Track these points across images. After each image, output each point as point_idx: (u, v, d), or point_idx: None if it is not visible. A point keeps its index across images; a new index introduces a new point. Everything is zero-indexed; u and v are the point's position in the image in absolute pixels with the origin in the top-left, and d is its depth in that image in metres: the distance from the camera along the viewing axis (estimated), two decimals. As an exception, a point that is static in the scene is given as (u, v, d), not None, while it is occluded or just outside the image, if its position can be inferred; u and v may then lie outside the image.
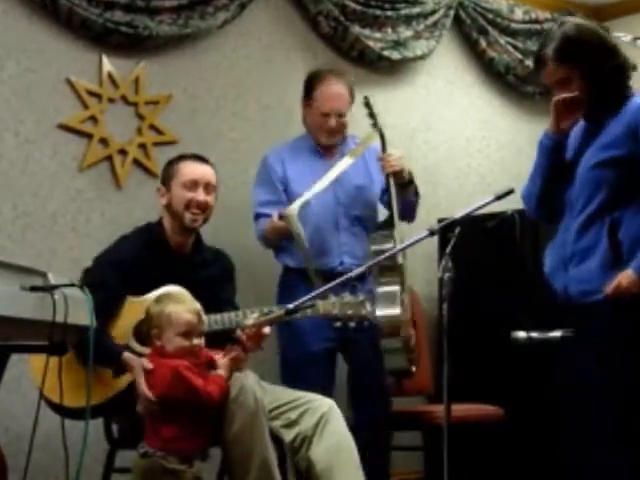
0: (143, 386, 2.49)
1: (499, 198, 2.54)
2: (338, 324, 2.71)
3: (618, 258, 2.38)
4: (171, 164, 2.89)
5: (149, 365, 2.51)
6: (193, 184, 2.81)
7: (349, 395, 3.30)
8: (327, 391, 3.03)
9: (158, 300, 2.54)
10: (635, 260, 2.35)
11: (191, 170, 2.84)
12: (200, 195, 2.81)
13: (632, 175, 2.40)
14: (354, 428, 2.83)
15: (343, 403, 3.01)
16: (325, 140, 3.32)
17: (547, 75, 2.50)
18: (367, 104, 3.27)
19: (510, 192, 2.55)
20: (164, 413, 2.45)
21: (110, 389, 2.61)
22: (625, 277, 2.35)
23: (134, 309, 2.67)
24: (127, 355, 2.59)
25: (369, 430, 3.13)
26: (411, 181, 3.28)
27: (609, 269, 2.38)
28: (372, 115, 3.25)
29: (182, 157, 2.90)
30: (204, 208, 2.82)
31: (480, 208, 2.58)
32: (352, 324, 2.73)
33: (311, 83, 3.31)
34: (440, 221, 2.88)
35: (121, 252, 2.77)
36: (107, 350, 2.57)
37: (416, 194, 3.35)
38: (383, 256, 2.72)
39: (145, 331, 2.59)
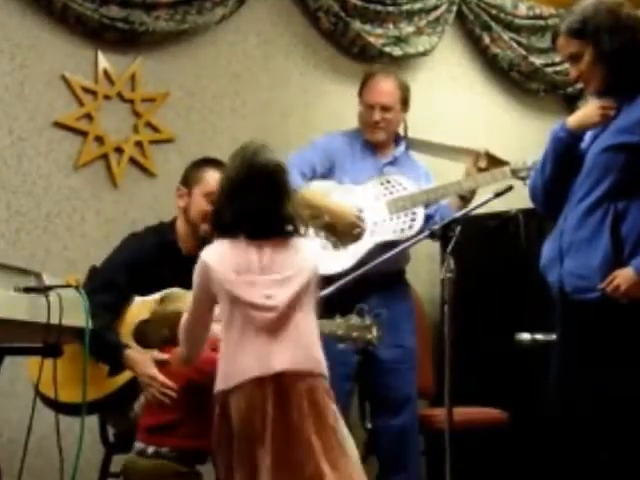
0: (160, 376, 2.44)
1: (498, 195, 2.52)
2: (342, 346, 2.69)
3: (620, 255, 2.32)
4: (197, 167, 2.83)
5: (163, 355, 2.47)
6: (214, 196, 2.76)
7: (373, 405, 3.33)
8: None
9: (162, 301, 2.51)
10: (637, 259, 2.29)
11: (215, 180, 2.74)
12: None
13: None
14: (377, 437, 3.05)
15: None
16: (369, 135, 3.30)
17: (559, 48, 2.47)
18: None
19: (509, 189, 2.53)
20: (184, 405, 2.37)
21: (108, 386, 2.60)
22: (624, 278, 2.29)
23: (136, 310, 2.67)
24: (130, 352, 2.57)
25: (397, 439, 3.19)
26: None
27: (609, 266, 2.32)
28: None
29: (210, 162, 2.82)
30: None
31: (480, 206, 2.55)
32: (352, 348, 2.72)
33: (363, 81, 3.34)
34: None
35: (131, 252, 2.75)
36: (110, 347, 2.57)
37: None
38: (381, 259, 2.70)
39: (149, 332, 2.57)
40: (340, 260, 3.10)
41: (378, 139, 3.30)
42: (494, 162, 3.22)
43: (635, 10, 2.46)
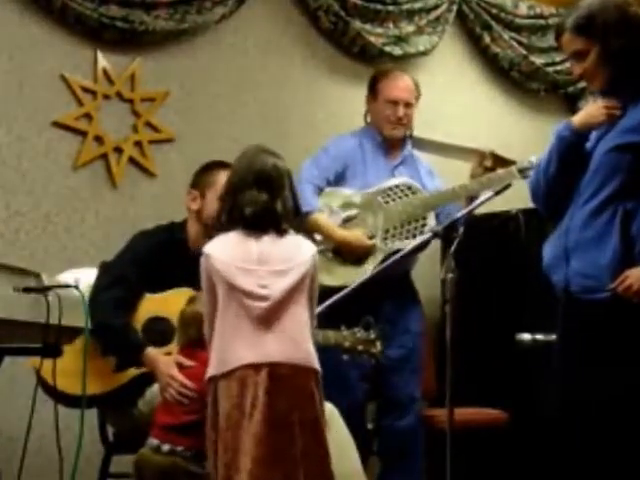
0: (180, 377, 2.43)
1: (498, 193, 2.52)
2: (345, 357, 2.69)
3: (630, 254, 2.30)
4: (210, 170, 2.81)
5: (186, 361, 2.47)
6: None
7: (380, 405, 3.33)
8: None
9: (190, 301, 2.51)
10: None
11: None
12: None
13: None
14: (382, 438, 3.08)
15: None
16: (389, 131, 3.29)
17: (563, 44, 2.44)
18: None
19: (507, 187, 2.53)
20: (204, 408, 2.33)
21: (113, 381, 2.60)
22: (636, 277, 2.26)
23: (145, 307, 2.67)
24: (151, 350, 2.56)
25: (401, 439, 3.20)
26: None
27: (619, 265, 2.29)
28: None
29: (221, 165, 2.80)
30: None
31: (480, 205, 2.55)
32: (359, 359, 2.72)
33: (376, 78, 3.32)
34: (443, 221, 2.84)
35: (141, 249, 2.75)
36: (132, 345, 2.57)
37: None
38: (385, 264, 2.70)
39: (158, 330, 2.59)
40: (353, 273, 3.10)
41: (398, 136, 3.30)
42: (500, 162, 3.21)
43: None
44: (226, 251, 2.20)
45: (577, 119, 2.44)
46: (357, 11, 3.90)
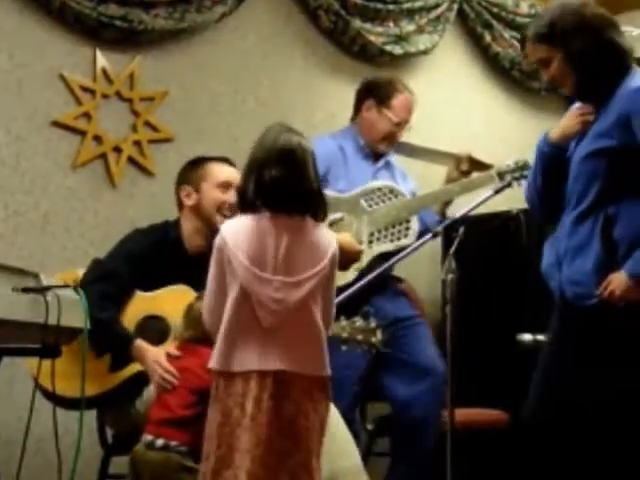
0: (164, 363, 2.44)
1: (497, 192, 2.52)
2: (344, 348, 2.67)
3: (612, 259, 2.30)
4: (199, 164, 2.84)
5: (175, 351, 2.47)
6: (226, 185, 2.78)
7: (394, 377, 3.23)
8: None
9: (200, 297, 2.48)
10: (629, 262, 2.27)
11: (223, 171, 2.82)
12: (232, 197, 2.75)
13: (625, 167, 2.31)
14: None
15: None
16: (384, 148, 3.30)
17: (528, 54, 2.48)
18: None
19: (508, 185, 2.53)
20: (199, 404, 2.35)
21: (109, 381, 2.60)
22: (617, 283, 2.27)
23: (138, 305, 2.67)
24: (140, 341, 2.56)
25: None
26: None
27: (603, 271, 2.31)
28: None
29: (207, 159, 2.85)
30: (234, 210, 2.79)
31: (480, 204, 2.55)
32: (359, 350, 2.69)
33: (389, 89, 3.27)
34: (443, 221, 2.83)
35: (133, 246, 2.75)
36: (119, 338, 2.57)
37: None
38: (387, 264, 2.69)
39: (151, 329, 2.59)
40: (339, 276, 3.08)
41: (386, 151, 3.31)
42: (477, 165, 3.22)
43: (599, 8, 2.42)
44: (243, 242, 2.11)
45: (554, 133, 2.45)
46: (357, 10, 3.89)
